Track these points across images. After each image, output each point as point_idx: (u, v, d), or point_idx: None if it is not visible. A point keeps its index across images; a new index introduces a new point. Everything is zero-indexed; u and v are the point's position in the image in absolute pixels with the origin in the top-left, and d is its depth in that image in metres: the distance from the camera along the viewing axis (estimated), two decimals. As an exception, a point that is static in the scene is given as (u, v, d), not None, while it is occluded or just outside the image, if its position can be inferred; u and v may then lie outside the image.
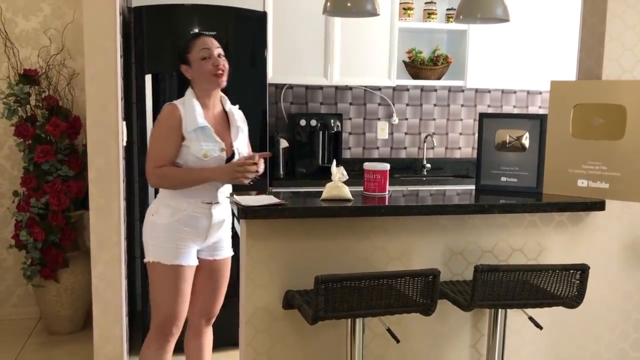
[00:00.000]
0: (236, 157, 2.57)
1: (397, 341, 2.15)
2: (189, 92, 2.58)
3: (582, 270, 2.15)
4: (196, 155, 2.49)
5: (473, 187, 2.79)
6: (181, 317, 2.60)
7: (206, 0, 3.64)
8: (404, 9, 4.30)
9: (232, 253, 2.75)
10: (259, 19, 3.72)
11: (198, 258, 2.62)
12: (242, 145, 2.64)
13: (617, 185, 2.50)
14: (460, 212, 2.44)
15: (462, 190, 3.17)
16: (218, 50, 2.57)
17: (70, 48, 4.04)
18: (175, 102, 2.56)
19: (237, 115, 2.68)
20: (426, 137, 4.68)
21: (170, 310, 2.56)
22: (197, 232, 2.56)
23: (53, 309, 3.92)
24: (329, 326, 2.36)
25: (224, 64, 2.56)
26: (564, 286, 2.16)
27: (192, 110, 2.51)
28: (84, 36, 3.17)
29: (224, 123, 2.63)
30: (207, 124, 2.52)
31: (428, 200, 2.63)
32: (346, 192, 2.37)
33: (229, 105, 2.68)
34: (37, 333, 4.01)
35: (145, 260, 2.60)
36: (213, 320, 2.79)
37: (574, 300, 2.18)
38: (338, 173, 2.38)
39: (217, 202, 2.58)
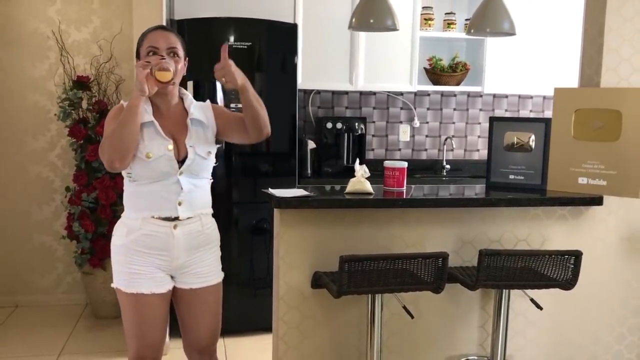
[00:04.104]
0: (190, 156, 2.27)
1: (412, 317, 2.45)
2: None
3: (576, 256, 2.43)
4: (139, 156, 2.20)
5: (486, 185, 3.08)
6: (156, 346, 2.33)
7: (241, 13, 3.99)
8: (425, 19, 4.60)
9: (219, 279, 2.43)
10: (290, 30, 4.05)
11: (175, 287, 2.36)
12: (200, 142, 2.32)
13: (613, 182, 2.75)
14: (470, 205, 2.73)
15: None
16: (170, 50, 2.26)
17: (118, 56, 4.42)
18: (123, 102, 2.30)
19: (196, 110, 2.36)
20: (446, 140, 4.96)
21: (141, 341, 2.29)
22: (159, 255, 2.27)
23: (100, 295, 4.30)
24: (352, 304, 2.67)
25: (173, 64, 2.22)
26: (560, 270, 2.44)
27: None
28: (135, 46, 3.53)
29: (182, 121, 2.33)
30: (153, 119, 2.25)
31: (441, 194, 2.92)
32: (368, 186, 2.67)
33: (189, 102, 2.37)
34: (85, 317, 4.39)
35: (112, 285, 2.36)
36: (212, 350, 2.49)
37: (568, 282, 2.46)
38: (361, 170, 2.69)
39: (178, 218, 2.27)
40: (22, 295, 4.58)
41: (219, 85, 3.84)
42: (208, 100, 2.47)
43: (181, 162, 2.27)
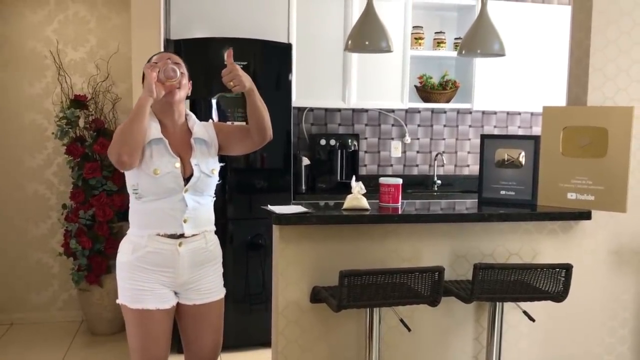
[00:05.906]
0: (196, 174, 2.34)
1: (409, 330, 2.51)
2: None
3: (567, 269, 2.51)
4: (146, 172, 2.28)
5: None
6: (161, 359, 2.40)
7: (237, 34, 4.08)
8: (415, 38, 4.71)
9: (221, 295, 2.50)
10: (284, 49, 4.14)
11: (178, 303, 2.43)
12: (204, 160, 2.39)
13: (601, 197, 2.85)
14: (463, 220, 2.81)
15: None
16: (171, 63, 2.35)
17: (114, 75, 4.48)
18: None
19: (199, 130, 2.44)
20: (436, 156, 5.06)
21: (145, 356, 2.36)
22: (164, 272, 2.34)
23: (96, 311, 4.32)
24: (350, 318, 2.74)
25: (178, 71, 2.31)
26: (551, 283, 2.53)
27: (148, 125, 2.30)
28: (132, 65, 3.62)
29: (187, 140, 2.41)
30: (162, 136, 2.33)
31: (435, 209, 3.00)
32: (364, 202, 2.75)
33: (192, 122, 2.46)
34: (82, 334, 4.41)
35: (117, 301, 2.43)
36: None
37: (560, 295, 2.54)
38: (357, 187, 2.76)
39: (183, 235, 2.34)
40: (17, 313, 4.59)
41: (214, 104, 3.91)
42: (211, 120, 2.58)
43: (187, 179, 2.35)
